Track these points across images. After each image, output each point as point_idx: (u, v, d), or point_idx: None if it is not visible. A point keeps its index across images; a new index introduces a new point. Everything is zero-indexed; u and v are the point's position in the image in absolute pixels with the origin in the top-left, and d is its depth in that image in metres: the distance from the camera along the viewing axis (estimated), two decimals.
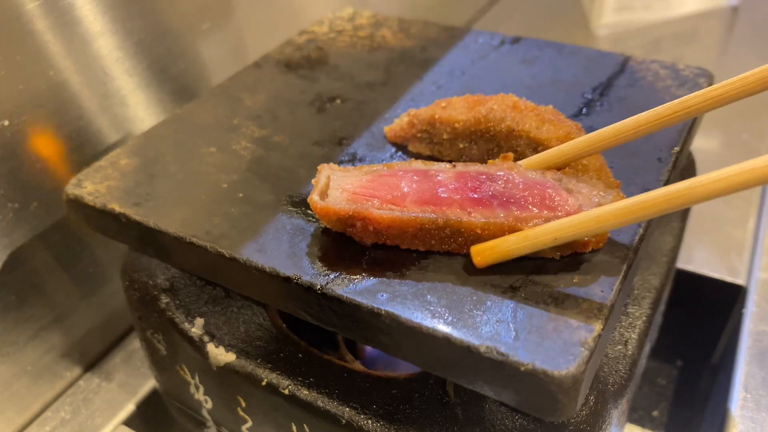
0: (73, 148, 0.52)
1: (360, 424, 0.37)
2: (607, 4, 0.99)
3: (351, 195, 0.35)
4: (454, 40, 0.55)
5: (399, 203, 0.34)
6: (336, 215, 0.34)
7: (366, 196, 0.34)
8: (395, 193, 0.34)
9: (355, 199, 0.34)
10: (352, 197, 0.34)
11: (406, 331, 0.30)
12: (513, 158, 0.37)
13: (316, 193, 0.35)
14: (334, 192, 0.35)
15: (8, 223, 0.48)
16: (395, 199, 0.34)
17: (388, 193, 0.34)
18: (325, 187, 0.35)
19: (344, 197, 0.34)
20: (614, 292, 0.31)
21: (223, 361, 0.41)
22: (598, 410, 0.35)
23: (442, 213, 0.33)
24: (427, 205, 0.33)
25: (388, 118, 0.45)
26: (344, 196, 0.34)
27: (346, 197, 0.34)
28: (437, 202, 0.33)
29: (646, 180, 0.37)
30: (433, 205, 0.33)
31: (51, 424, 0.53)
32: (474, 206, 0.33)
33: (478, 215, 0.33)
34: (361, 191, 0.35)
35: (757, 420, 0.46)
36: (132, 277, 0.45)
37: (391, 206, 0.34)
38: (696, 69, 0.48)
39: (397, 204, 0.34)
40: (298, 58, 0.53)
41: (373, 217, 0.33)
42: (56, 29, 0.48)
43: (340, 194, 0.35)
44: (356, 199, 0.34)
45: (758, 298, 0.55)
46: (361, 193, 0.35)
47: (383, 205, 0.34)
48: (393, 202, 0.34)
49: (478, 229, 0.32)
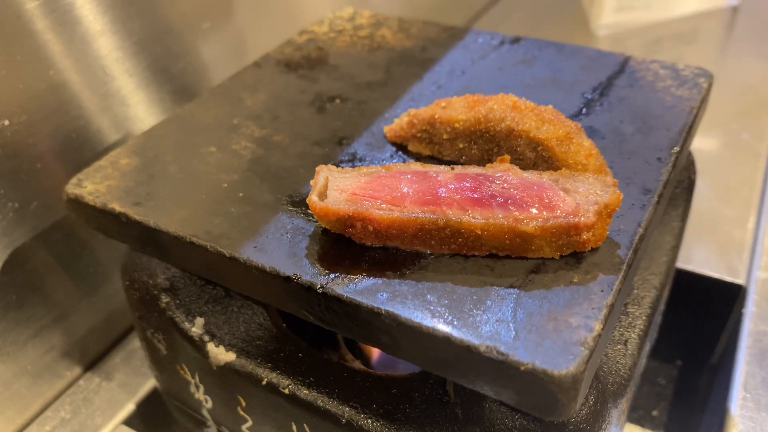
0: (73, 147, 0.52)
1: (360, 424, 0.37)
2: (607, 4, 0.99)
3: (350, 195, 0.34)
4: (454, 40, 0.55)
5: (399, 204, 0.34)
6: (335, 216, 0.34)
7: (365, 196, 0.34)
8: (395, 193, 0.34)
9: (355, 200, 0.34)
10: (351, 198, 0.34)
11: (406, 331, 0.30)
12: (509, 160, 0.37)
13: (315, 194, 0.35)
14: (332, 193, 0.35)
15: (8, 223, 0.48)
16: (395, 199, 0.34)
17: (387, 194, 0.34)
18: (324, 188, 0.35)
19: (343, 198, 0.34)
20: (614, 291, 0.31)
21: (223, 360, 0.41)
22: (598, 410, 0.35)
23: (442, 213, 0.33)
24: (426, 205, 0.33)
25: (388, 118, 0.45)
26: (343, 197, 0.34)
27: (345, 198, 0.34)
28: (437, 203, 0.33)
29: (646, 180, 0.38)
30: (433, 206, 0.33)
31: (51, 423, 0.53)
32: (473, 207, 0.33)
33: (478, 216, 0.33)
34: (360, 192, 0.35)
35: (757, 420, 0.46)
36: (132, 276, 0.45)
37: (391, 207, 0.34)
38: (696, 69, 0.48)
39: (396, 205, 0.34)
40: (298, 58, 0.53)
41: (374, 218, 0.33)
42: (56, 29, 0.49)
43: (338, 195, 0.35)
44: (355, 199, 0.34)
45: (758, 298, 0.55)
46: (360, 193, 0.35)
47: (383, 206, 0.34)
48: (393, 203, 0.34)
49: (478, 230, 0.32)
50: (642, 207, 0.36)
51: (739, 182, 0.70)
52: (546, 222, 0.32)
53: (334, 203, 0.34)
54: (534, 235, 0.32)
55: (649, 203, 0.36)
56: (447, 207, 0.33)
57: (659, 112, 0.44)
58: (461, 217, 0.33)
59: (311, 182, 0.36)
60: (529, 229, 0.32)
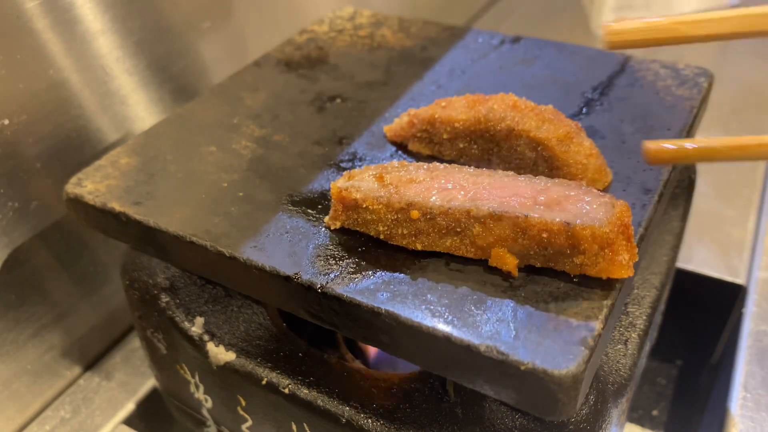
0: (73, 147, 0.52)
1: (360, 423, 0.37)
2: (607, 4, 0.99)
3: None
4: (454, 39, 0.55)
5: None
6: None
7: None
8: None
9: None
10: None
11: (406, 331, 0.30)
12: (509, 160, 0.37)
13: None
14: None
15: (8, 223, 0.48)
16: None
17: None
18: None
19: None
20: (614, 291, 0.31)
21: (223, 360, 0.41)
22: (598, 409, 0.35)
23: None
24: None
25: (388, 118, 0.45)
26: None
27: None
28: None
29: (646, 179, 0.37)
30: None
31: (51, 423, 0.53)
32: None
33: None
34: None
35: (757, 420, 0.46)
36: (132, 276, 0.45)
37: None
38: (696, 69, 0.48)
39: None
40: (299, 58, 0.53)
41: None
42: (56, 28, 0.48)
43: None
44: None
45: (758, 298, 0.55)
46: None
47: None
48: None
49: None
50: (642, 206, 0.36)
51: (739, 182, 0.70)
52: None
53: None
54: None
55: (649, 203, 0.36)
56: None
57: (659, 111, 0.44)
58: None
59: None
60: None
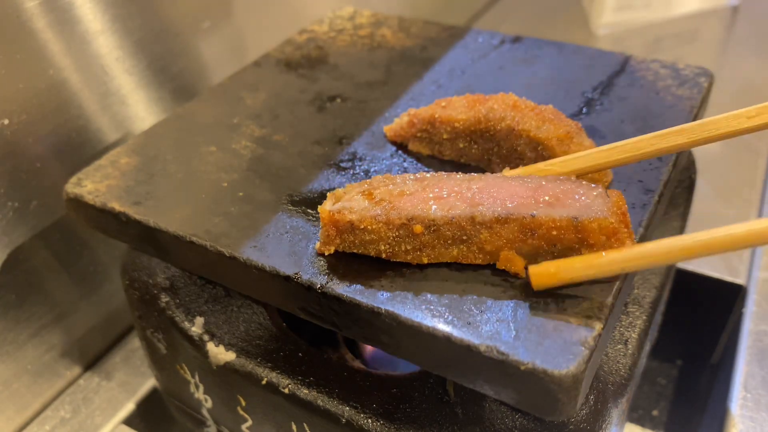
0: (72, 147, 0.52)
1: (360, 423, 0.37)
2: (607, 4, 0.99)
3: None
4: (454, 39, 0.55)
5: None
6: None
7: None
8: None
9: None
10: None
11: (406, 330, 0.30)
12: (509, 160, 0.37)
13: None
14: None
15: (8, 223, 0.48)
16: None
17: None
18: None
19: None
20: (614, 291, 0.31)
21: (223, 360, 0.41)
22: (598, 409, 0.35)
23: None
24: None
25: (388, 118, 0.45)
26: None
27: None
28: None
29: (646, 179, 0.37)
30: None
31: (51, 422, 0.53)
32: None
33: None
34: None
35: (757, 420, 0.46)
36: (132, 276, 0.45)
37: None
38: (696, 68, 0.48)
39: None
40: (298, 57, 0.53)
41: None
42: (56, 28, 0.48)
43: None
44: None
45: (758, 298, 0.55)
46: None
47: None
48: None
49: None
50: (643, 206, 0.36)
51: (739, 182, 0.70)
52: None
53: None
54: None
55: (649, 203, 0.36)
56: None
57: (660, 111, 0.44)
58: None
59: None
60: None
